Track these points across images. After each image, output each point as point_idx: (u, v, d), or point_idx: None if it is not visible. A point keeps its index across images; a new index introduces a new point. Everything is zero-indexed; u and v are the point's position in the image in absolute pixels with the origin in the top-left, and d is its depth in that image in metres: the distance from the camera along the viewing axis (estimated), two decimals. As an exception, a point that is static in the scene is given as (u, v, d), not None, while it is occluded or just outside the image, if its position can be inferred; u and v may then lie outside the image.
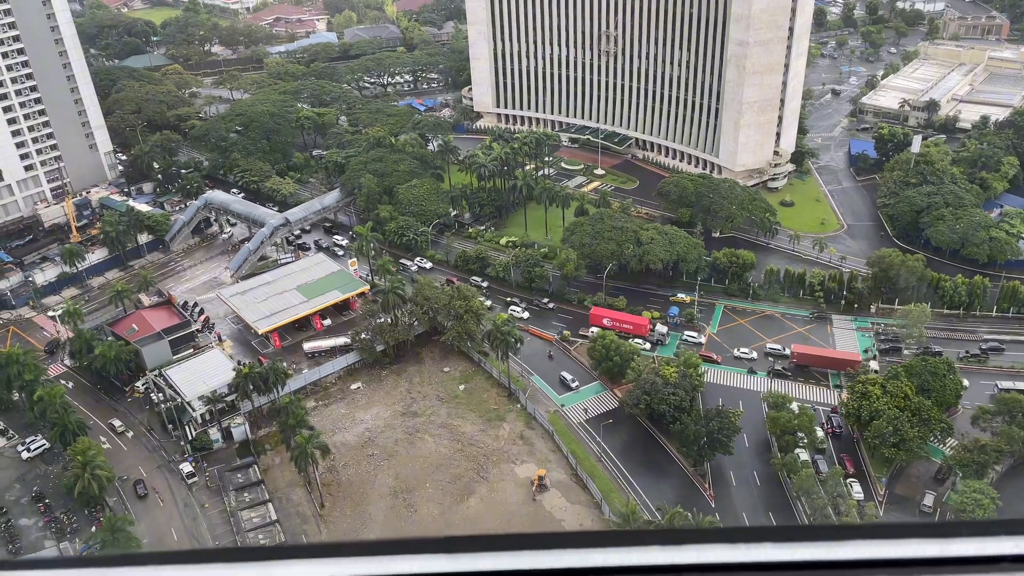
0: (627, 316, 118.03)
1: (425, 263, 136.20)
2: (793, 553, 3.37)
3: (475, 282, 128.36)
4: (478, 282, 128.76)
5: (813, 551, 3.38)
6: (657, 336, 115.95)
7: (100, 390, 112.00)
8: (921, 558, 3.37)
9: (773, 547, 3.38)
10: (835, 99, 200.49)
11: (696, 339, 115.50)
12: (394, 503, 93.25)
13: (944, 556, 3.36)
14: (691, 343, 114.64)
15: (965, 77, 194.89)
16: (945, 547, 3.38)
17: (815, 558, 3.37)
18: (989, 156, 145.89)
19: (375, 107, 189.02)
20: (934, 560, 3.36)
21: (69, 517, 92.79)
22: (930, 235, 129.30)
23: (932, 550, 3.39)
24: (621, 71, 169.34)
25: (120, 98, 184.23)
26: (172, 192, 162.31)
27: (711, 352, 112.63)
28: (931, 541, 3.40)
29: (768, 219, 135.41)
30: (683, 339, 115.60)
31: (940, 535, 3.42)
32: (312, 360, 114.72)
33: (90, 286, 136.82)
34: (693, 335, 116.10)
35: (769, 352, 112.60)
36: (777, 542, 3.39)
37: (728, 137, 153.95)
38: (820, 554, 3.37)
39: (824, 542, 3.40)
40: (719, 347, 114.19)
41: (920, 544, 3.40)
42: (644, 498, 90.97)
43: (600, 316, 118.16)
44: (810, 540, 3.41)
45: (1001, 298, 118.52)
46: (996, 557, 3.32)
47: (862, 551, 3.36)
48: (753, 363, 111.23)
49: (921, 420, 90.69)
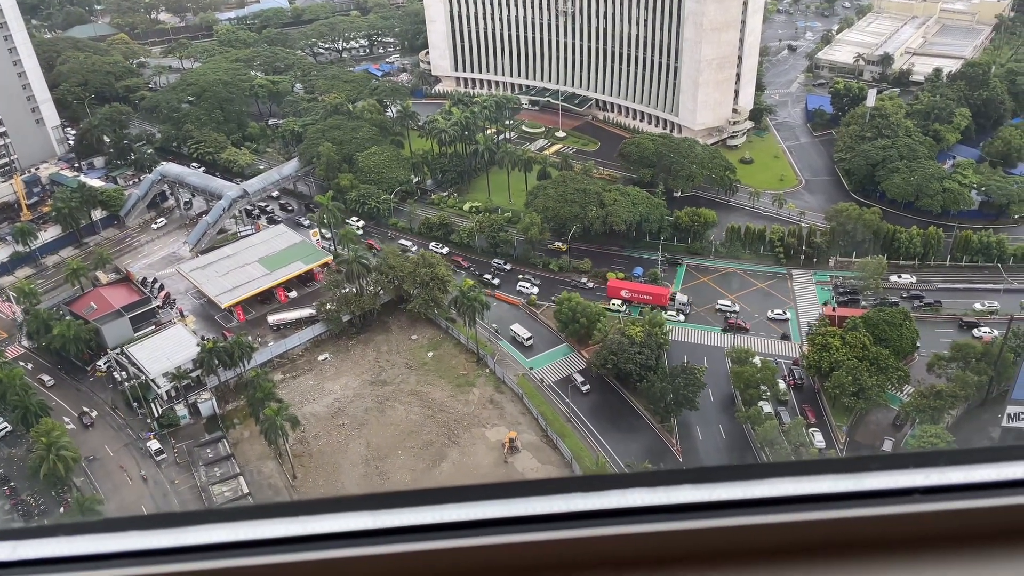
0: (647, 287, 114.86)
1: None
2: (711, 493, 3.46)
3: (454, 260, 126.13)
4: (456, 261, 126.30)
5: (729, 491, 3.48)
6: (678, 305, 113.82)
7: (61, 370, 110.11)
8: (835, 493, 3.47)
9: (691, 489, 3.47)
10: (791, 55, 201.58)
11: (730, 307, 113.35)
12: (367, 471, 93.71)
13: (857, 490, 3.47)
14: (726, 311, 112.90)
15: (918, 30, 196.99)
16: (859, 482, 3.49)
17: (731, 497, 3.47)
18: (942, 108, 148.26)
19: (331, 73, 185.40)
20: (847, 495, 3.47)
21: (36, 499, 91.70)
22: (885, 188, 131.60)
23: (846, 485, 3.49)
24: (579, 31, 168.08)
25: (65, 70, 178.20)
26: (125, 166, 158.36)
27: (741, 320, 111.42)
28: (845, 476, 3.51)
29: (728, 177, 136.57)
30: (718, 309, 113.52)
31: (853, 470, 3.53)
32: (277, 333, 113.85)
33: (44, 265, 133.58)
34: (727, 304, 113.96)
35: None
36: (695, 483, 3.49)
37: (687, 96, 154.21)
38: (736, 493, 3.47)
39: (740, 481, 3.51)
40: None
41: (834, 480, 3.50)
42: (613, 455, 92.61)
43: (618, 288, 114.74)
44: (727, 480, 3.52)
45: (955, 247, 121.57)
46: (908, 489, 3.47)
47: (777, 488, 3.47)
48: (736, 316, 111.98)
49: (879, 369, 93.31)
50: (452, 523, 3.45)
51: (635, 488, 3.49)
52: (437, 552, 3.43)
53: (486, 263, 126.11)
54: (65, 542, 3.47)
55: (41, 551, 3.45)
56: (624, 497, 3.46)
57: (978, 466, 3.53)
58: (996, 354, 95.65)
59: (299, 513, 3.51)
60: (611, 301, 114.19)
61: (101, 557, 3.42)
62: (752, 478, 3.53)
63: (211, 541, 3.45)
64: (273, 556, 3.43)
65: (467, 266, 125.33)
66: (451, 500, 3.50)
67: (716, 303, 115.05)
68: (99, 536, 3.47)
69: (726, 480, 3.53)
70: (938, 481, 3.49)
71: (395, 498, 3.52)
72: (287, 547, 3.44)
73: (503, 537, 3.45)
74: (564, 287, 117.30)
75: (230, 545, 3.45)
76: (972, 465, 3.54)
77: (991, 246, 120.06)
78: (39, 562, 3.43)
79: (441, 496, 3.51)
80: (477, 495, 3.51)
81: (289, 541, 3.45)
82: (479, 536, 3.45)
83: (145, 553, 3.42)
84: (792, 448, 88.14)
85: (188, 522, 3.49)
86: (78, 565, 3.41)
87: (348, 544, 3.45)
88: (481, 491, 3.52)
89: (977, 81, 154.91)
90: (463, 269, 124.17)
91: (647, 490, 3.48)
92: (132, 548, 3.43)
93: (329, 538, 3.46)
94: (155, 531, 3.47)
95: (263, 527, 3.47)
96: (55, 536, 3.48)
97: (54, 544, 3.47)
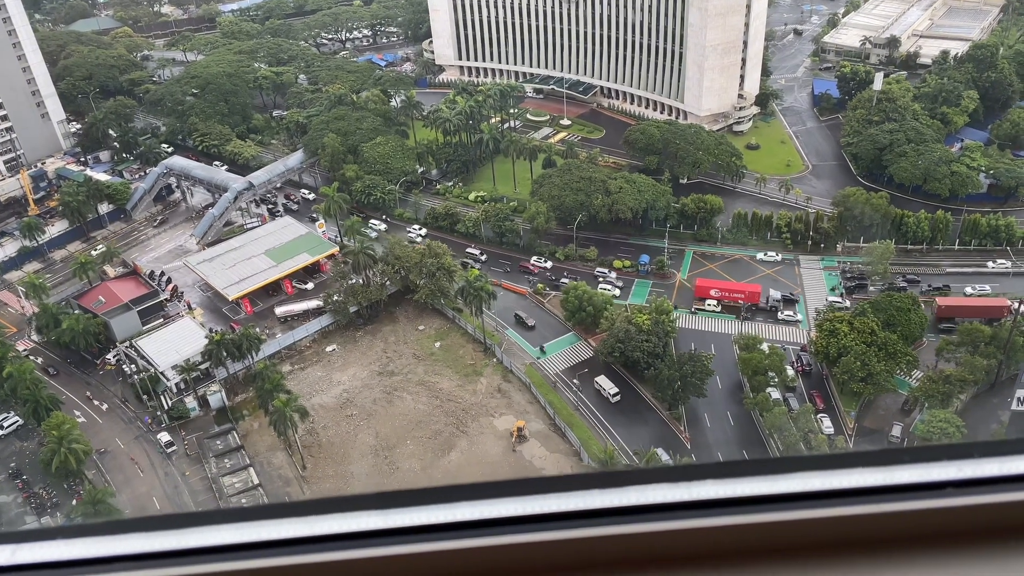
0: (738, 285, 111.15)
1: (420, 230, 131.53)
2: (735, 489, 3.35)
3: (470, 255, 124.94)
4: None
5: (755, 486, 3.34)
6: (772, 303, 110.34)
7: (70, 364, 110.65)
8: (865, 487, 3.34)
9: (714, 484, 3.37)
10: (797, 39, 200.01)
11: (841, 305, 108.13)
12: (376, 461, 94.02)
13: (888, 484, 3.34)
14: (784, 309, 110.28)
15: (925, 12, 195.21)
16: (889, 475, 3.36)
17: (757, 492, 3.33)
18: (949, 91, 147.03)
19: (334, 64, 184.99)
20: (878, 488, 3.34)
21: (48, 492, 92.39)
22: (893, 172, 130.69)
23: (876, 479, 3.36)
24: (583, 18, 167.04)
25: (69, 64, 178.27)
26: (130, 160, 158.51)
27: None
28: (875, 470, 3.38)
29: (734, 163, 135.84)
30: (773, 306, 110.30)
31: (883, 463, 3.40)
32: (285, 324, 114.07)
33: (52, 259, 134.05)
34: (837, 301, 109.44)
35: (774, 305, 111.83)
36: (718, 478, 3.38)
37: (692, 82, 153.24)
38: (763, 488, 3.33)
39: (767, 476, 3.37)
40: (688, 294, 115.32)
41: (864, 474, 3.37)
42: (622, 443, 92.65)
43: (707, 288, 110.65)
44: (752, 475, 3.40)
45: (963, 231, 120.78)
46: (940, 483, 3.32)
47: (806, 483, 3.36)
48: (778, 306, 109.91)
49: (888, 354, 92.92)
50: (465, 522, 3.35)
51: (656, 483, 3.38)
52: (449, 552, 3.33)
53: (517, 258, 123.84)
54: (65, 545, 3.36)
55: (40, 555, 3.34)
56: (644, 494, 3.34)
57: (1014, 457, 3.38)
58: (1005, 338, 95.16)
59: (307, 513, 3.40)
60: (704, 302, 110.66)
61: (103, 561, 3.31)
62: (777, 472, 3.40)
63: (216, 543, 3.35)
64: (280, 558, 3.33)
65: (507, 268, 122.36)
66: (463, 498, 3.40)
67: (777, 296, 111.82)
68: (100, 539, 3.36)
69: (750, 475, 3.40)
70: (972, 474, 3.33)
71: (406, 496, 3.41)
72: (294, 548, 3.34)
73: (519, 536, 3.33)
74: (577, 277, 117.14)
75: (235, 547, 3.35)
76: (1008, 456, 3.38)
77: (1000, 229, 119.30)
78: (38, 566, 3.32)
79: (453, 494, 3.41)
80: (490, 493, 3.40)
81: (297, 542, 3.35)
82: (493, 536, 3.34)
83: (150, 556, 3.31)
84: (801, 435, 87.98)
85: (192, 523, 3.40)
86: (79, 570, 3.30)
87: (358, 545, 3.35)
88: (494, 488, 3.41)
89: (985, 63, 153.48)
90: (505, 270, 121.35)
91: (669, 486, 3.37)
92: (136, 551, 3.33)
93: (338, 539, 3.35)
94: (159, 533, 3.36)
95: (268, 528, 3.37)
96: (55, 539, 3.37)
97: (54, 548, 3.35)
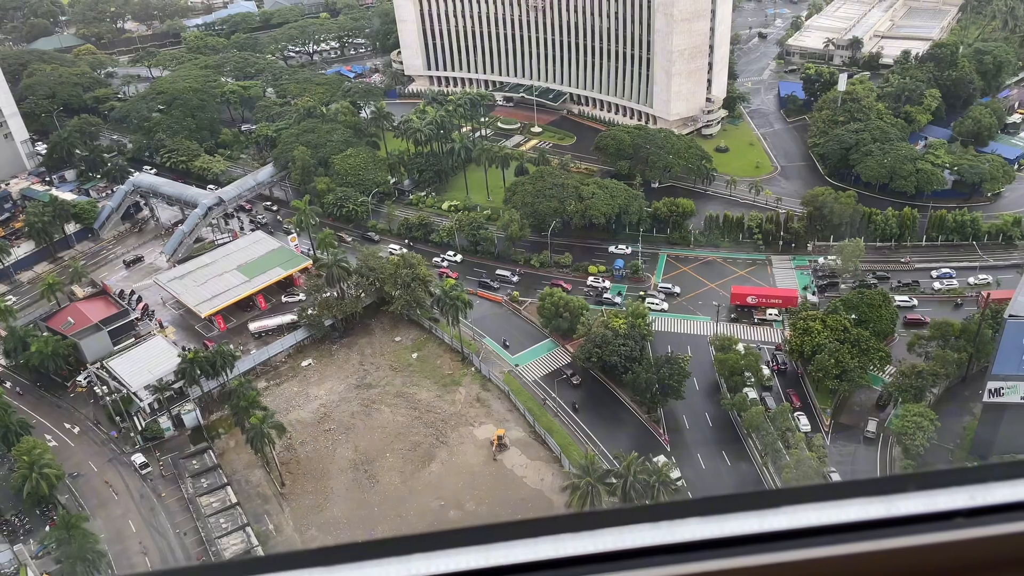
0: (774, 290, 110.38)
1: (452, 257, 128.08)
2: (721, 528, 2.91)
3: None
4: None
5: (743, 523, 2.90)
6: (809, 301, 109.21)
7: (40, 388, 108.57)
8: (864, 521, 2.87)
9: (698, 522, 2.93)
10: (762, 42, 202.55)
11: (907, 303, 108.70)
12: (355, 475, 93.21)
13: (891, 516, 2.88)
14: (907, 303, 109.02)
15: (886, 13, 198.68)
16: (891, 506, 2.90)
17: (746, 531, 2.89)
18: (912, 90, 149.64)
19: (302, 77, 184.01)
20: (879, 522, 2.87)
21: (20, 518, 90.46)
22: (860, 171, 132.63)
23: (876, 510, 2.90)
24: (551, 26, 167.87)
25: (32, 83, 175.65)
26: (97, 178, 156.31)
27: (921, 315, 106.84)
28: (874, 500, 2.92)
29: (704, 166, 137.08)
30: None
31: (884, 492, 2.94)
32: (259, 340, 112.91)
33: (19, 281, 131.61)
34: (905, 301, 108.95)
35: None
36: (702, 516, 2.94)
37: (661, 87, 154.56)
38: (751, 526, 2.90)
39: (754, 512, 2.97)
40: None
41: (862, 504, 2.91)
42: (602, 448, 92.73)
43: (743, 295, 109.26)
44: (737, 511, 2.96)
45: (929, 227, 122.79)
46: (949, 512, 2.89)
47: (796, 518, 2.92)
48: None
49: (861, 351, 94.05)
50: (464, 572, 3.00)
51: (634, 524, 2.97)
52: None
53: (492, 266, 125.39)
54: None
55: None
56: (620, 537, 2.94)
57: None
58: (974, 331, 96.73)
59: (301, 566, 3.10)
60: (766, 312, 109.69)
61: None
62: (766, 506, 2.98)
63: None
64: None
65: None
66: (462, 543, 3.01)
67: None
68: None
69: (737, 511, 2.95)
70: (985, 501, 2.92)
71: (385, 546, 3.09)
72: None
73: None
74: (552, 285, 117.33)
75: None
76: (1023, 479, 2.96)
77: (966, 224, 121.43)
78: None
79: (448, 540, 3.03)
80: (501, 535, 3.00)
81: None
82: None
83: None
84: (779, 433, 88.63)
85: None
86: None
87: None
88: (505, 530, 3.00)
89: (945, 62, 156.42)
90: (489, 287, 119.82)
91: (650, 526, 2.94)
92: None
93: None
94: None
95: None
96: None
97: None
